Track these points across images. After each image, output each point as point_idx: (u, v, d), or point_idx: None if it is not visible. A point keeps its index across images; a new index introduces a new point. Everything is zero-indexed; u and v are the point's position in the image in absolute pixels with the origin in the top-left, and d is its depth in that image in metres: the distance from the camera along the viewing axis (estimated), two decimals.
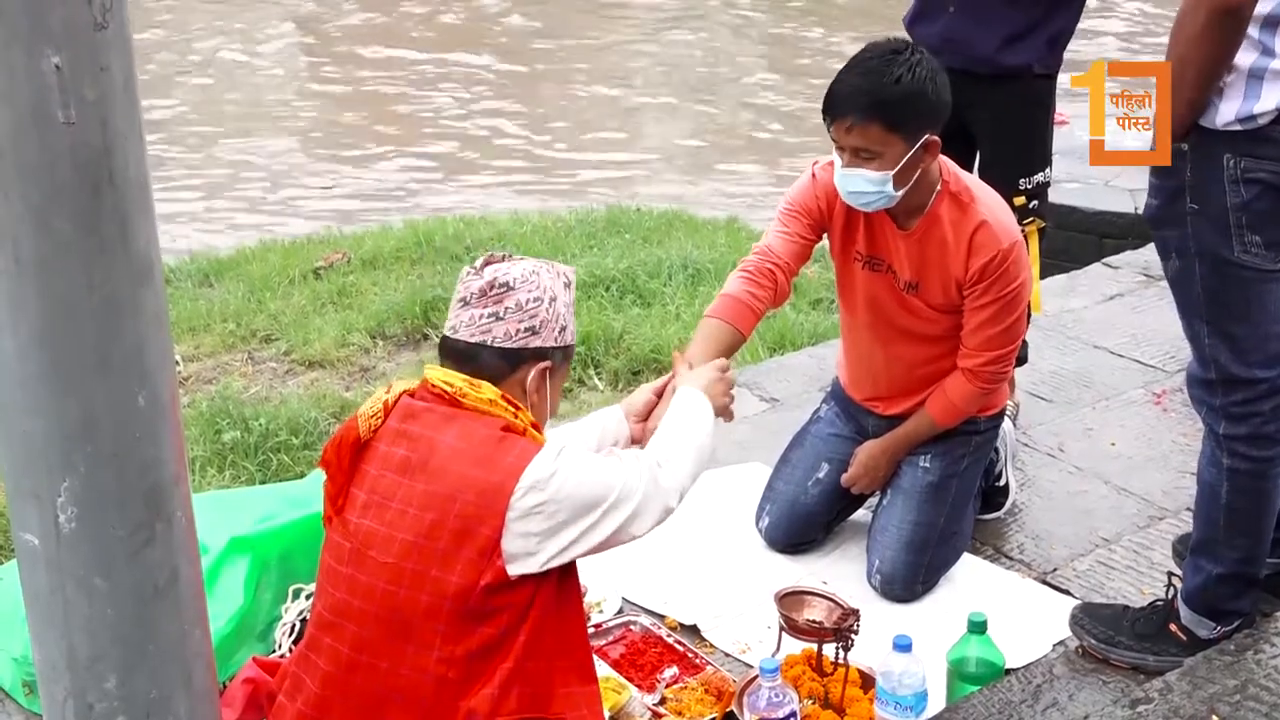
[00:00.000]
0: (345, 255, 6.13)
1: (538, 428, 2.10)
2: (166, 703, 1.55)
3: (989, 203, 2.86)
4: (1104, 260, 5.20)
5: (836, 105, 2.72)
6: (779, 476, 3.24)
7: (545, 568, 1.97)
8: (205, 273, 6.16)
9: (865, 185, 2.74)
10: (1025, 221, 3.51)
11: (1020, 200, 3.51)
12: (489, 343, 2.06)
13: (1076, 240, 5.76)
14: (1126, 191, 5.94)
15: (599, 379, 4.66)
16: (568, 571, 2.06)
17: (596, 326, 4.88)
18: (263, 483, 3.88)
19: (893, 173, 2.71)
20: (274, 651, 2.68)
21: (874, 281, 2.99)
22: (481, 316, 2.06)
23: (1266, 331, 2.42)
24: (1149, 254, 5.13)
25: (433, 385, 2.06)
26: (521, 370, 2.08)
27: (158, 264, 1.44)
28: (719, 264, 5.64)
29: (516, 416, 2.06)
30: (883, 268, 2.96)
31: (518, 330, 2.06)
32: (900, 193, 2.76)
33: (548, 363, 2.10)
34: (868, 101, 2.67)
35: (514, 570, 1.94)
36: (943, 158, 2.86)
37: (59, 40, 1.28)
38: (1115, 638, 2.68)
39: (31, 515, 1.44)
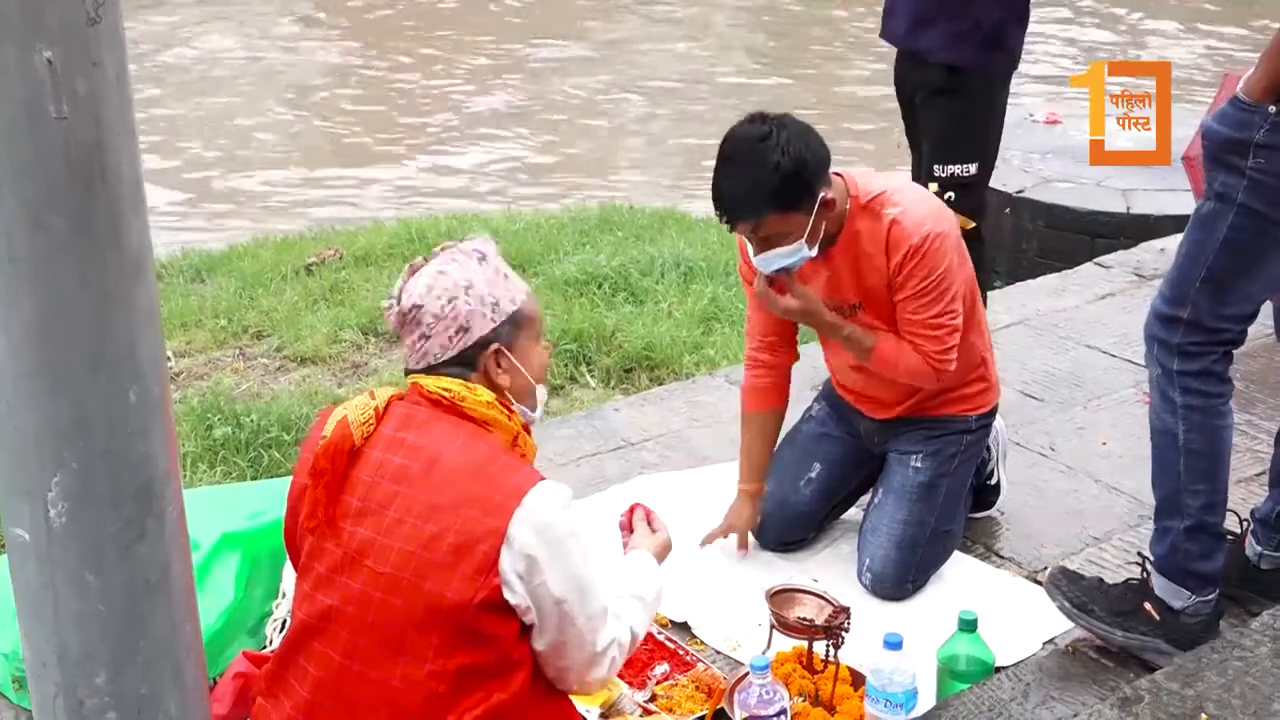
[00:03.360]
0: (338, 252, 6.13)
1: (528, 429, 2.13)
2: (157, 699, 1.54)
3: (900, 199, 2.84)
4: (1096, 260, 5.22)
5: (729, 212, 2.75)
6: (770, 476, 3.24)
7: (517, 610, 1.96)
8: (197, 268, 6.16)
9: (783, 261, 2.80)
10: None
11: (934, 188, 3.56)
12: (434, 362, 2.07)
13: (1068, 240, 5.78)
14: (1118, 191, 5.96)
15: (591, 376, 4.66)
16: None
17: (589, 324, 4.88)
18: (254, 479, 3.88)
19: (804, 240, 2.76)
20: (265, 647, 2.68)
21: None
22: (415, 343, 2.07)
23: (1252, 293, 2.52)
24: (1140, 254, 5.16)
25: (430, 393, 2.05)
26: (479, 364, 2.08)
27: (150, 261, 1.44)
28: (711, 262, 5.65)
29: (510, 419, 2.08)
30: (830, 303, 2.97)
31: (450, 339, 2.05)
32: (816, 248, 2.80)
33: (496, 345, 2.07)
34: (757, 200, 2.70)
35: (506, 593, 1.93)
36: (847, 172, 2.88)
37: (51, 35, 1.28)
38: (1090, 606, 2.71)
39: (23, 511, 1.43)
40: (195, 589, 1.63)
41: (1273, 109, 2.35)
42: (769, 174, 2.67)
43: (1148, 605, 2.67)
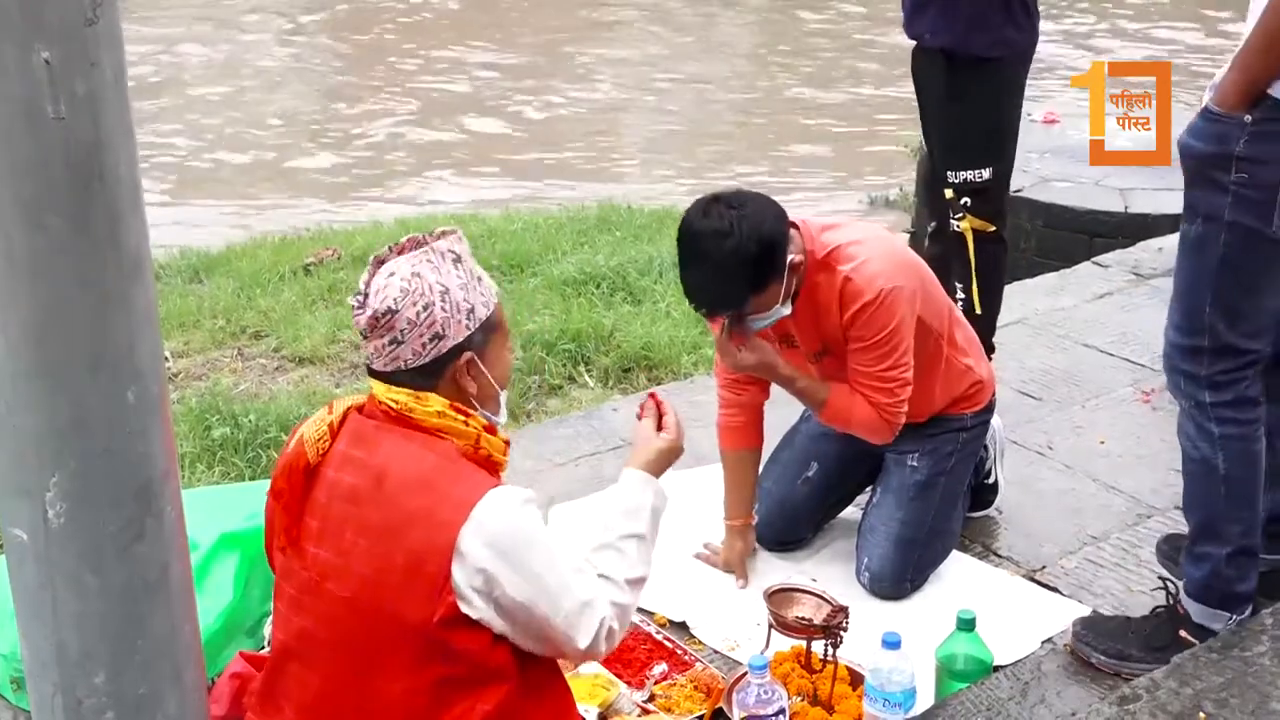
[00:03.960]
0: (335, 252, 6.13)
1: (491, 430, 2.03)
2: (156, 699, 1.55)
3: (856, 253, 2.81)
4: (1094, 259, 5.22)
5: (710, 308, 2.80)
6: (768, 476, 3.24)
7: (482, 623, 1.90)
8: (195, 269, 6.16)
9: (762, 324, 2.81)
10: (957, 216, 3.56)
11: (949, 194, 3.57)
12: (403, 367, 1.98)
13: (1066, 239, 5.78)
14: (1116, 191, 5.96)
15: (589, 376, 4.66)
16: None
17: (587, 324, 4.88)
18: (252, 479, 3.88)
19: (779, 304, 2.77)
20: (263, 647, 2.68)
21: (794, 356, 3.01)
22: (384, 347, 1.97)
23: (1266, 306, 2.44)
24: (1138, 253, 5.16)
25: (380, 402, 2.00)
26: (448, 372, 2.00)
27: (148, 261, 1.44)
28: None
29: (468, 424, 1.99)
30: (794, 343, 2.97)
31: (423, 345, 1.96)
32: (789, 310, 2.81)
33: (469, 353, 2.00)
34: (734, 293, 2.71)
35: (464, 608, 1.87)
36: (802, 222, 2.85)
37: (50, 35, 1.28)
38: (1125, 652, 2.66)
39: (21, 511, 1.44)
40: (194, 589, 1.64)
41: (1248, 118, 2.28)
42: (740, 267, 2.66)
43: (1183, 633, 2.62)
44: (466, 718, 1.91)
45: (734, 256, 2.64)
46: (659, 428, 2.25)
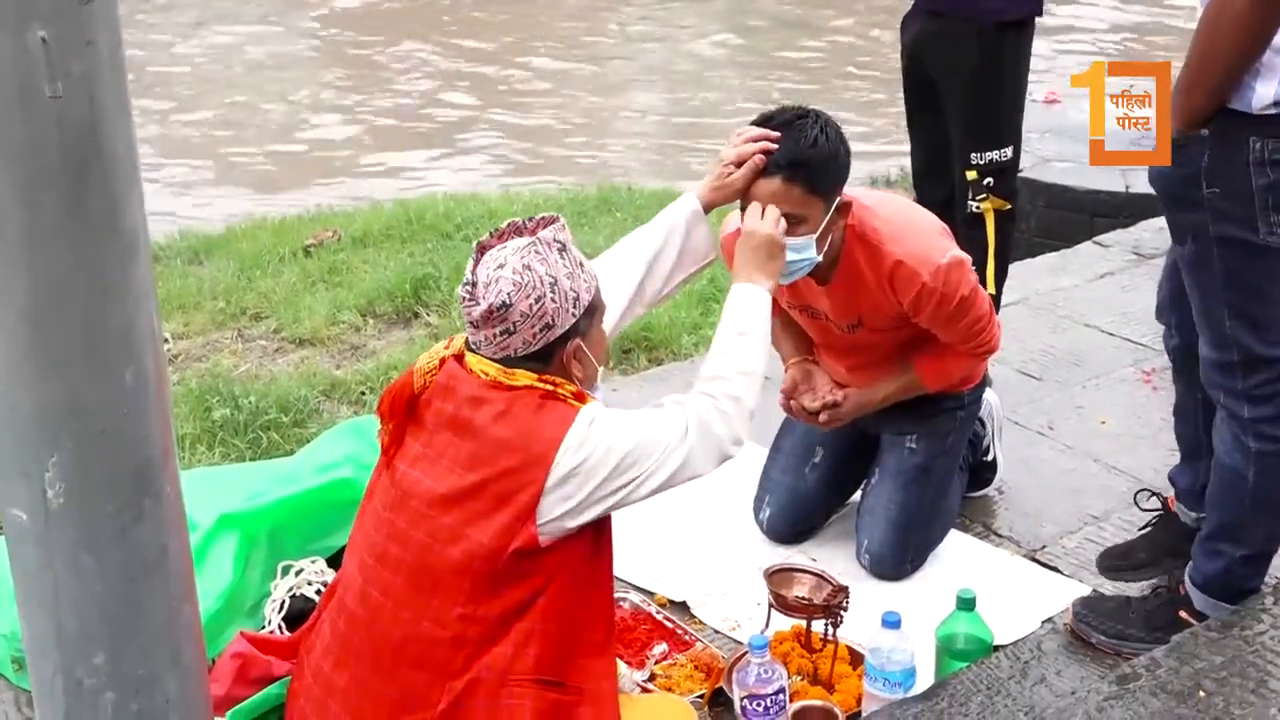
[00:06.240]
0: (335, 233, 6.11)
1: (580, 396, 2.11)
2: (156, 679, 1.55)
3: (898, 232, 2.75)
4: (1095, 239, 5.21)
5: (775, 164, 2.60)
6: (774, 465, 3.23)
7: (582, 521, 2.05)
8: (195, 250, 6.14)
9: (790, 254, 2.58)
10: (979, 197, 3.52)
11: (972, 175, 3.53)
12: (512, 355, 2.08)
13: (1067, 219, 5.76)
14: (1117, 171, 5.94)
15: None
16: (600, 538, 2.14)
17: None
18: (252, 460, 3.87)
19: (815, 236, 2.61)
20: (263, 627, 2.69)
21: (815, 326, 3.00)
22: (494, 336, 2.06)
23: None
24: (1139, 233, 5.15)
25: (470, 369, 2.10)
26: (557, 357, 2.10)
27: (145, 242, 1.44)
28: None
29: (557, 390, 2.09)
30: (820, 316, 2.95)
31: (533, 335, 2.06)
32: (820, 256, 2.67)
33: (576, 340, 2.11)
34: (789, 163, 2.55)
35: (546, 537, 2.01)
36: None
37: (45, 13, 1.27)
38: (1125, 631, 2.67)
39: (20, 492, 1.43)
40: (193, 570, 1.64)
41: (1205, 132, 2.30)
42: (807, 145, 2.56)
43: (1183, 613, 2.63)
44: (507, 640, 2.03)
45: (804, 135, 2.56)
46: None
